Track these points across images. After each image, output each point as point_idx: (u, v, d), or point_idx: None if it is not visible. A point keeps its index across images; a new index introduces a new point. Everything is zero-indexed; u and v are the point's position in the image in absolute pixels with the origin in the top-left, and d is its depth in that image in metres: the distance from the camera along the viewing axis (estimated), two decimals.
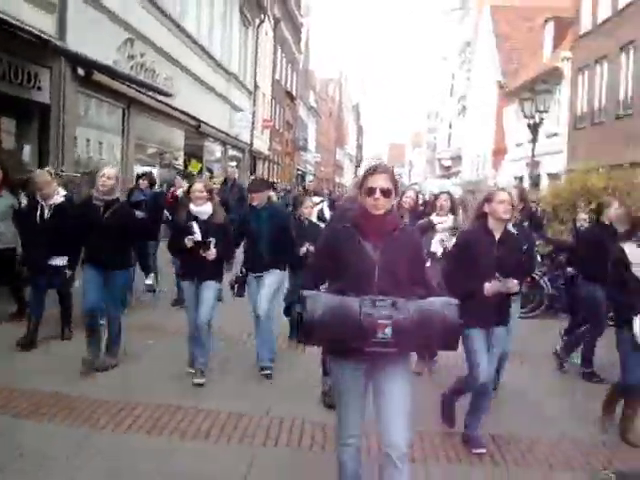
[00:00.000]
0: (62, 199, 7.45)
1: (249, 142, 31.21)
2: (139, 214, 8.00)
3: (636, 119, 20.87)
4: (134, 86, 14.69)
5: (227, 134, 26.22)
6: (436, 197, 7.95)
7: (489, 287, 4.98)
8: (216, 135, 24.64)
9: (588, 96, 25.52)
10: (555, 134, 28.47)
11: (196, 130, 21.38)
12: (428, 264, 5.28)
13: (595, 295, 7.25)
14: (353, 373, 3.68)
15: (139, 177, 11.41)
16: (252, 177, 16.30)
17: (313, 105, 68.74)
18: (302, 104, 58.09)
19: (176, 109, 18.30)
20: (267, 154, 37.87)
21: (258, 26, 31.47)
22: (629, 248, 5.51)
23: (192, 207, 6.52)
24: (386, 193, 3.68)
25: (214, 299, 6.57)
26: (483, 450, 5.15)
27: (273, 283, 6.99)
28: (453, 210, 7.58)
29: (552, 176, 27.03)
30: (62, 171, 11.15)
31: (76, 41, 11.73)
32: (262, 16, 31.68)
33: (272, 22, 36.71)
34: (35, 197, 7.45)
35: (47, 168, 8.05)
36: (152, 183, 11.12)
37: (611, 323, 6.40)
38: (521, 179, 30.04)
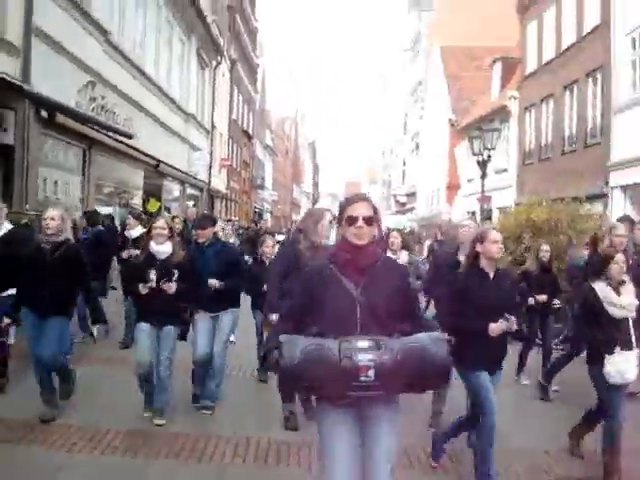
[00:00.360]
0: (5, 230, 7.35)
1: (207, 181, 31.54)
2: None
3: (580, 155, 21.82)
4: (96, 127, 14.99)
5: (186, 173, 26.54)
6: (387, 235, 7.99)
7: (496, 327, 4.94)
8: (175, 174, 24.94)
9: (535, 133, 26.48)
10: (504, 170, 29.44)
11: (155, 169, 21.67)
12: None
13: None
14: (340, 419, 3.47)
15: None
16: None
17: (269, 144, 69.54)
18: (258, 143, 58.79)
19: (136, 149, 18.59)
20: (225, 192, 38.21)
21: (215, 67, 32.05)
22: (599, 286, 5.50)
23: (152, 245, 6.36)
24: (368, 221, 3.54)
25: (173, 340, 6.41)
26: None
27: (229, 326, 6.92)
28: (406, 246, 7.77)
29: (502, 210, 27.89)
30: (27, 210, 11.38)
31: (39, 84, 12.05)
32: (219, 58, 32.29)
33: (229, 63, 37.38)
34: None
35: None
36: (94, 222, 10.80)
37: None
38: (473, 213, 30.87)
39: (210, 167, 31.76)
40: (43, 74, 12.27)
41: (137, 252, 7.25)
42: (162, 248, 6.35)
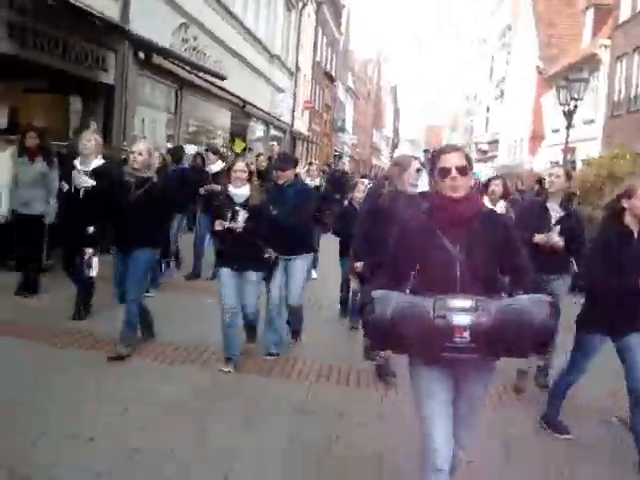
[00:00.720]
0: (96, 165, 7.29)
1: (290, 123, 32.01)
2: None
3: None
4: (187, 68, 15.55)
5: (270, 114, 27.05)
6: (488, 182, 7.80)
7: None
8: (259, 115, 25.47)
9: (626, 84, 25.87)
10: (592, 121, 28.86)
11: (241, 110, 22.23)
12: None
13: None
14: (435, 376, 3.32)
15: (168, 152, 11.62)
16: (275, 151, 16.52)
17: (351, 86, 69.08)
18: (341, 85, 58.60)
19: (224, 90, 19.14)
20: (307, 135, 38.64)
21: (302, 9, 32.15)
22: None
23: (230, 189, 6.26)
24: (462, 171, 3.30)
25: (256, 286, 6.45)
26: None
27: (304, 270, 6.93)
28: (506, 195, 7.59)
29: (585, 162, 27.45)
30: (124, 146, 12.08)
31: (137, 26, 12.62)
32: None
33: (315, 5, 37.33)
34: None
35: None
36: (179, 158, 11.17)
37: None
38: (557, 164, 30.44)
39: (293, 109, 32.17)
40: (140, 16, 12.81)
41: (218, 187, 7.53)
42: (240, 191, 6.24)
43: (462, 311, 3.05)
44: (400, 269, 3.44)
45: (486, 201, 7.05)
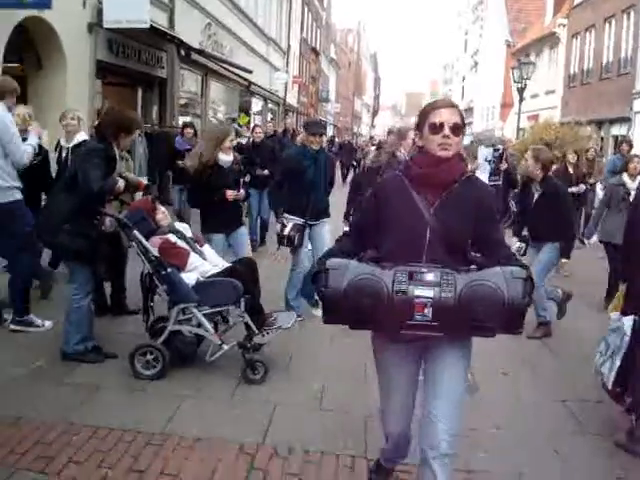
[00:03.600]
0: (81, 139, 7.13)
1: (283, 97, 35.51)
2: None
3: (613, 82, 25.07)
4: (214, 60, 19.14)
5: (268, 90, 30.56)
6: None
7: None
8: (260, 92, 28.97)
9: (579, 59, 29.52)
10: (552, 91, 32.54)
11: (247, 89, 25.77)
12: None
13: None
14: (398, 352, 3.12)
15: (185, 126, 12.14)
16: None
17: (333, 57, 71.97)
18: (324, 57, 61.70)
19: (235, 74, 22.68)
20: (296, 106, 42.10)
21: None
22: None
23: (221, 156, 6.42)
24: (456, 130, 2.98)
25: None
26: None
27: (329, 230, 7.00)
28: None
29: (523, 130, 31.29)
30: (174, 125, 15.70)
31: (180, 30, 16.13)
32: None
33: None
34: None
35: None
36: (196, 132, 11.74)
37: None
38: (523, 130, 34.20)
39: (286, 85, 35.64)
40: (180, 22, 16.32)
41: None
42: (228, 158, 6.51)
43: (425, 285, 2.78)
44: (367, 233, 3.20)
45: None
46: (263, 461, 4.00)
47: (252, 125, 24.43)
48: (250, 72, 21.24)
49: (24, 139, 6.09)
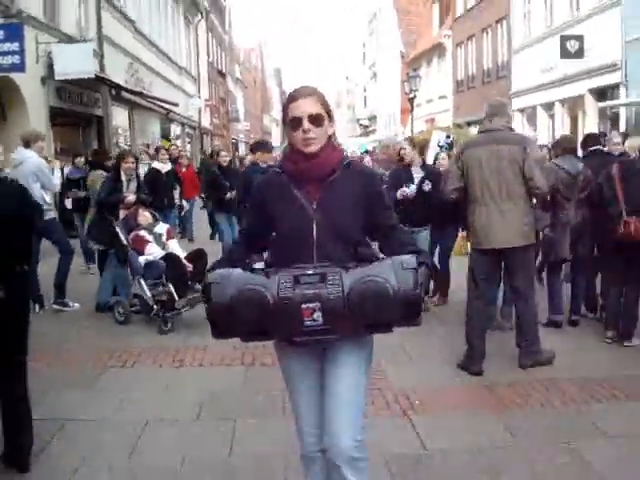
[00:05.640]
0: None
1: (198, 120, 37.61)
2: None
3: (493, 85, 28.32)
4: (139, 97, 21.26)
5: (184, 116, 32.65)
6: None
7: None
8: (177, 119, 31.06)
9: (464, 66, 32.78)
10: (444, 96, 35.79)
11: (166, 117, 27.86)
12: None
13: None
14: (300, 359, 2.95)
15: (75, 156, 12.15)
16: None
17: (239, 77, 74.21)
18: (230, 78, 63.89)
19: (155, 104, 24.77)
20: (210, 128, 44.22)
21: (197, 23, 37.76)
22: None
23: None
24: (316, 120, 2.79)
25: None
26: None
27: None
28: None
29: (443, 129, 34.40)
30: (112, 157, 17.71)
31: (109, 72, 18.20)
32: (199, 15, 37.95)
33: (204, 15, 42.81)
34: None
35: None
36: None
37: None
38: (422, 132, 37.35)
39: (199, 109, 37.74)
40: (109, 65, 18.39)
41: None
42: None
43: (310, 288, 2.60)
44: (256, 236, 3.06)
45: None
46: None
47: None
48: (176, 105, 23.49)
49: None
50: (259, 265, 2.90)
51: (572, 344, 6.53)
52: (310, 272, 2.65)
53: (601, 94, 19.53)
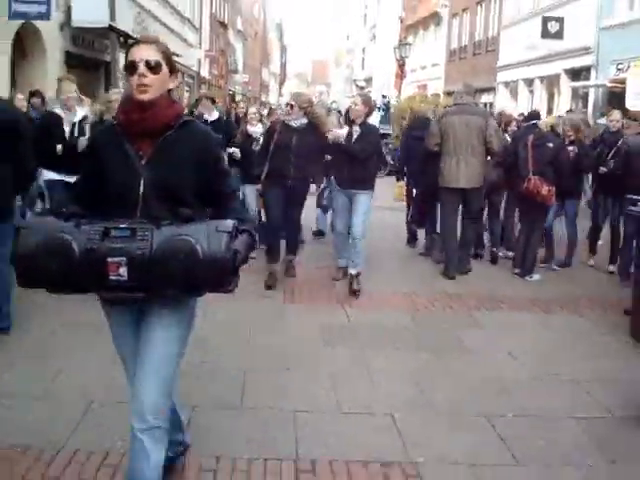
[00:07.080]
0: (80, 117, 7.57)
1: (197, 70, 38.74)
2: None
3: (483, 57, 29.64)
4: None
5: (184, 65, 33.75)
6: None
7: None
8: (178, 68, 32.04)
9: (458, 37, 33.99)
10: (438, 64, 36.99)
11: None
12: None
13: None
14: (120, 318, 2.93)
15: (32, 94, 11.32)
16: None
17: (240, 29, 74.37)
18: (231, 29, 64.27)
19: None
20: (209, 79, 45.27)
21: None
22: None
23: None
24: (154, 68, 2.71)
25: None
26: None
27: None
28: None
29: (435, 96, 35.70)
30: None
31: (119, 21, 19.44)
32: None
33: None
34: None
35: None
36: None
37: None
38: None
39: (199, 59, 38.83)
40: (120, 14, 19.61)
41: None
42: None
43: (119, 242, 2.54)
44: (87, 189, 2.93)
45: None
46: None
47: None
48: (179, 56, 24.66)
49: None
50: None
51: (488, 273, 8.86)
52: (122, 226, 2.60)
53: (575, 74, 21.02)
